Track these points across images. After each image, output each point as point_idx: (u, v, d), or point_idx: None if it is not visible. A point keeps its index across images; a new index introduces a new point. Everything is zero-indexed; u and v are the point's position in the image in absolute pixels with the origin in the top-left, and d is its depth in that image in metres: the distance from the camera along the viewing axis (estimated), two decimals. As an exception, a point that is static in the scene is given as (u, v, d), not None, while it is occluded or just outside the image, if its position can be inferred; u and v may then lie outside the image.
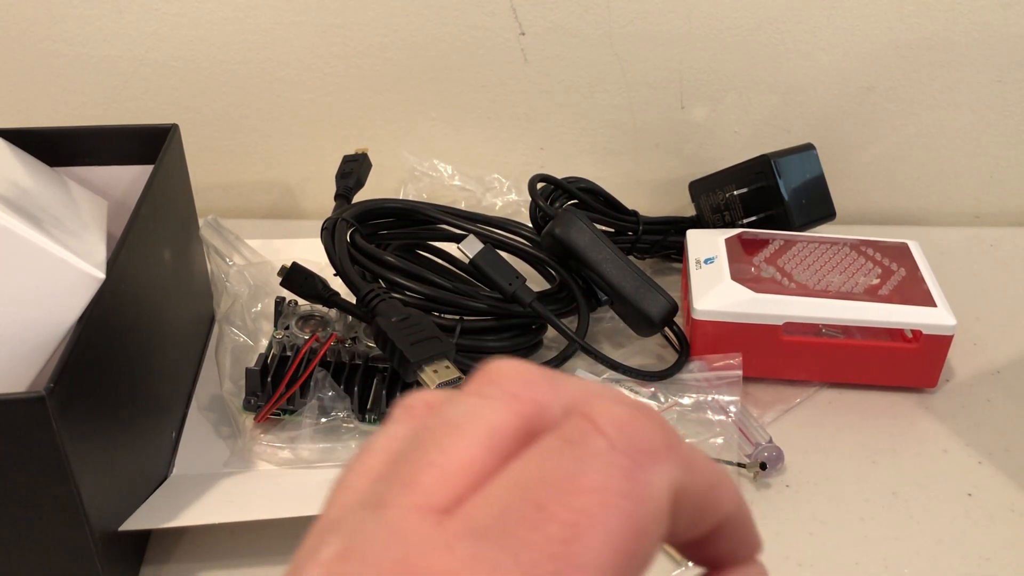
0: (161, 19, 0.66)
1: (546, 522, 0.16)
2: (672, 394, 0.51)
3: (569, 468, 0.16)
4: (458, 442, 0.18)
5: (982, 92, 0.69)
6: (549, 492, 0.16)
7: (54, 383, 0.33)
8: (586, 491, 0.16)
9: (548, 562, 0.16)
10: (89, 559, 0.37)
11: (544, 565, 0.16)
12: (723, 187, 0.62)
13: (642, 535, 0.17)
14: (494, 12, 0.66)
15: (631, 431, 0.17)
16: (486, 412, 0.18)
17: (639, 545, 0.17)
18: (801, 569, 0.43)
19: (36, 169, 0.48)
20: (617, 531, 0.16)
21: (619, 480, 0.16)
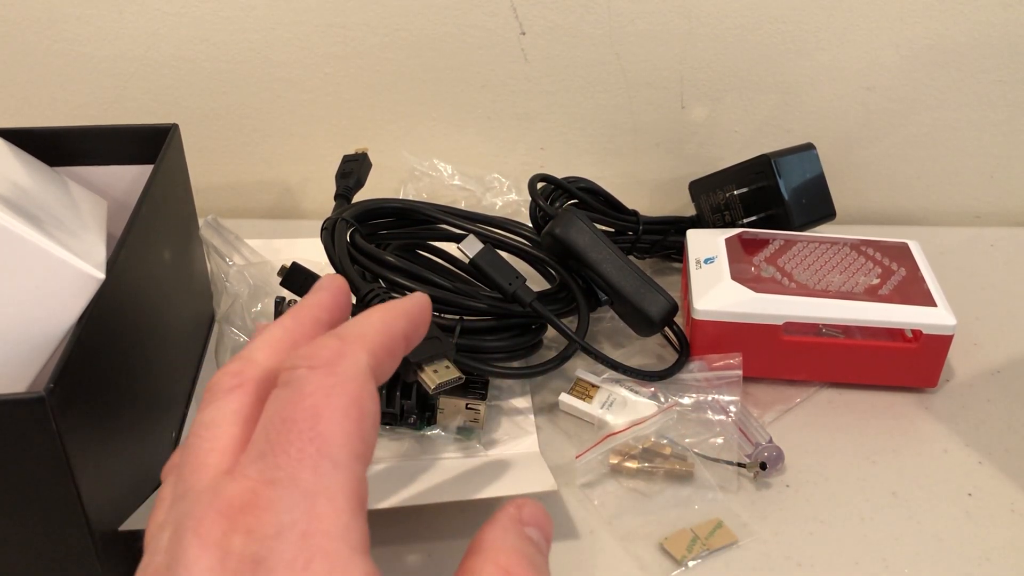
0: (161, 19, 0.66)
1: (293, 425, 0.22)
2: (672, 394, 0.51)
3: (292, 393, 0.23)
4: (215, 431, 0.24)
5: (982, 92, 0.69)
6: (287, 410, 0.23)
7: (54, 383, 0.33)
8: (308, 395, 0.23)
9: (309, 444, 0.22)
10: (89, 559, 0.37)
11: (307, 447, 0.22)
12: (723, 187, 0.62)
13: (360, 400, 0.24)
14: (494, 12, 0.66)
15: (313, 353, 0.24)
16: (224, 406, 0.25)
17: (361, 408, 0.24)
18: (801, 569, 0.43)
19: (36, 169, 0.48)
20: (341, 405, 0.23)
21: (325, 378, 0.23)
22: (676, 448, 0.48)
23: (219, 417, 0.25)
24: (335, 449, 0.22)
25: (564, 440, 0.50)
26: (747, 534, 0.45)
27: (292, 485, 0.21)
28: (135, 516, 0.41)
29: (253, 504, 0.21)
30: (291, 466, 0.22)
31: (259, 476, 0.22)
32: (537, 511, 0.27)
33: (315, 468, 0.22)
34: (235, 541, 0.21)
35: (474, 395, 0.49)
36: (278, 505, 0.21)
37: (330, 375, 0.24)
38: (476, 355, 0.50)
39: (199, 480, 0.23)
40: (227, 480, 0.22)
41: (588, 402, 0.51)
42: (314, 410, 0.23)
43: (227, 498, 0.22)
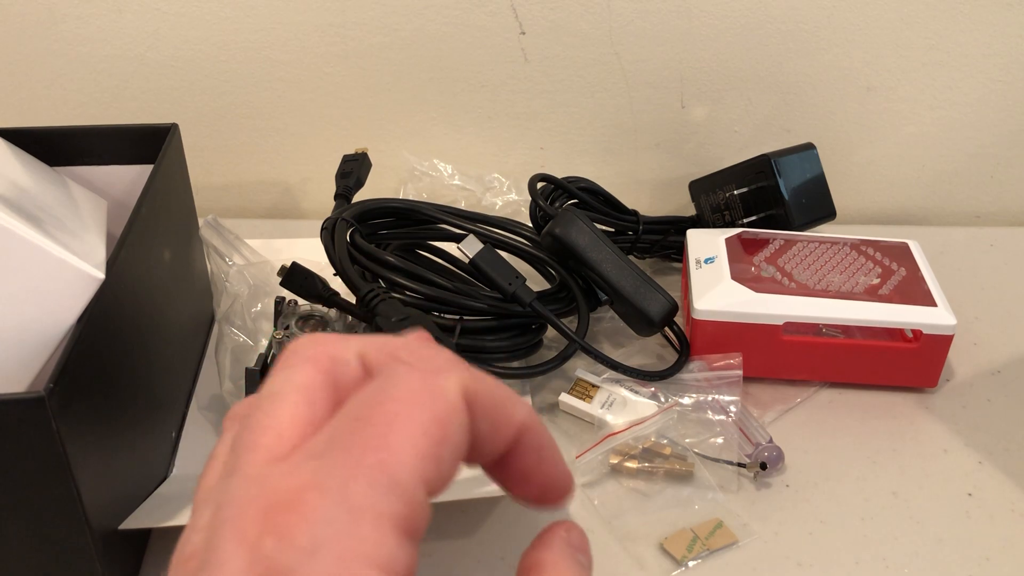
0: (161, 19, 0.66)
1: (364, 427, 0.20)
2: (672, 394, 0.51)
3: (380, 391, 0.21)
4: (279, 405, 0.22)
5: (982, 92, 0.69)
6: (364, 409, 0.21)
7: (54, 383, 0.33)
8: (392, 400, 0.21)
9: (372, 453, 0.20)
10: (89, 559, 0.37)
11: (368, 457, 0.20)
12: (723, 187, 0.62)
13: (445, 422, 0.21)
14: (494, 12, 0.66)
15: (424, 355, 0.22)
16: (293, 376, 0.22)
17: (444, 431, 0.21)
18: (801, 569, 0.43)
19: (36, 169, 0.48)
20: (422, 420, 0.21)
21: (418, 385, 0.21)
22: (676, 448, 0.48)
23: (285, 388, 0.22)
24: (399, 467, 0.20)
25: (564, 440, 0.50)
26: (747, 534, 0.45)
27: (340, 495, 0.19)
28: (135, 515, 0.41)
29: (295, 507, 0.19)
30: (346, 473, 0.20)
31: (311, 476, 0.20)
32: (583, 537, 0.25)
33: (371, 482, 0.20)
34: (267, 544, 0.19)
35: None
36: (319, 515, 0.19)
37: (425, 382, 0.21)
38: (476, 355, 0.50)
39: (250, 461, 0.21)
40: (277, 471, 0.20)
41: (588, 402, 0.51)
42: (392, 417, 0.20)
43: (272, 493, 0.20)
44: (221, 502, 0.20)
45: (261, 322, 0.54)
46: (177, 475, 0.47)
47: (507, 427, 0.24)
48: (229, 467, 0.22)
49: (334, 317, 0.52)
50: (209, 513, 0.21)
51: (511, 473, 0.25)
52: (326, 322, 0.52)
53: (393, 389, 0.21)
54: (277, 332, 0.51)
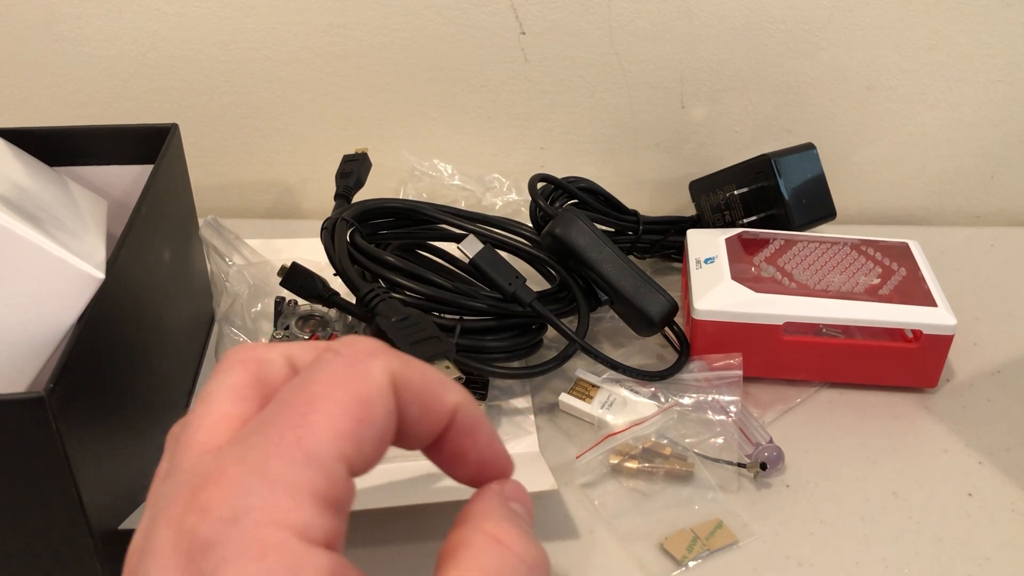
0: (161, 19, 0.66)
1: (288, 408, 0.21)
2: (672, 394, 0.51)
3: (304, 377, 0.22)
4: (209, 405, 0.23)
5: (982, 92, 0.69)
6: (288, 394, 0.22)
7: (54, 383, 0.33)
8: (315, 383, 0.22)
9: (291, 431, 0.21)
10: (89, 559, 0.37)
11: (288, 434, 0.21)
12: (723, 187, 0.62)
13: (367, 403, 0.22)
14: (494, 12, 0.66)
15: (353, 343, 0.23)
16: (222, 378, 0.24)
17: (366, 411, 0.22)
18: (801, 569, 0.43)
19: (36, 169, 0.48)
20: (342, 400, 0.21)
21: (341, 369, 0.22)
22: (676, 448, 0.48)
23: (214, 391, 0.23)
24: (317, 443, 0.21)
25: (564, 440, 0.50)
26: (747, 534, 0.45)
27: (258, 469, 0.20)
28: (135, 515, 0.41)
29: (215, 482, 0.20)
30: (266, 450, 0.20)
31: (234, 455, 0.21)
32: (518, 488, 0.26)
33: (288, 457, 0.20)
34: (190, 520, 0.20)
35: (474, 395, 0.49)
36: (237, 487, 0.20)
37: (350, 366, 0.22)
38: (476, 355, 0.49)
39: (184, 459, 0.22)
40: (207, 459, 0.21)
41: (588, 402, 0.51)
42: (313, 398, 0.21)
43: (198, 476, 0.21)
44: (157, 499, 0.21)
45: (261, 322, 0.54)
46: None
47: (438, 410, 0.24)
48: (166, 467, 0.23)
49: (334, 317, 0.52)
50: (149, 512, 0.22)
51: (446, 455, 0.26)
52: (326, 322, 0.52)
53: (317, 373, 0.22)
54: (277, 332, 0.51)
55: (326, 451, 0.21)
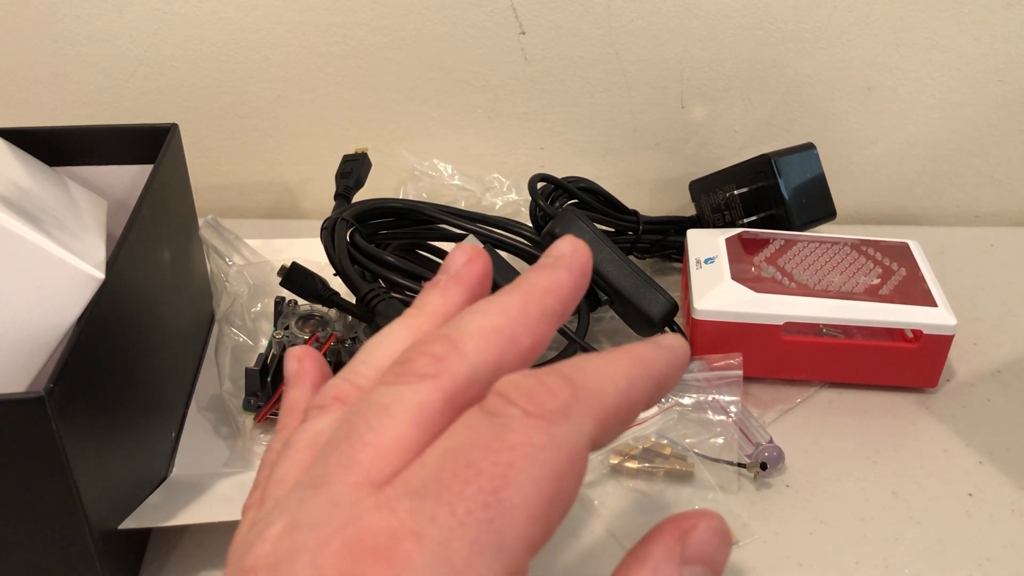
0: (161, 19, 0.66)
1: (476, 476, 0.18)
2: (672, 394, 0.51)
3: (491, 432, 0.19)
4: (388, 422, 0.20)
5: (982, 92, 0.69)
6: (476, 452, 0.18)
7: (53, 383, 0.33)
8: (508, 448, 0.18)
9: (481, 510, 0.18)
10: (88, 559, 0.37)
11: (478, 513, 0.18)
12: (723, 187, 0.62)
13: (562, 478, 0.19)
14: (494, 12, 0.66)
15: (538, 397, 0.19)
16: (410, 394, 0.20)
17: (560, 486, 0.19)
18: (801, 569, 0.43)
19: (36, 169, 0.48)
20: (539, 477, 0.18)
21: (537, 435, 0.19)
22: (676, 448, 0.48)
23: (397, 406, 0.20)
24: (508, 528, 0.18)
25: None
26: (747, 534, 0.45)
27: (439, 553, 0.17)
28: (134, 515, 0.41)
29: (387, 554, 0.17)
30: (449, 527, 0.17)
31: (407, 519, 0.18)
32: (707, 536, 0.21)
33: (476, 543, 0.17)
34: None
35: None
36: (415, 568, 0.17)
37: (543, 432, 0.19)
38: (476, 355, 0.49)
39: (343, 478, 0.19)
40: (371, 503, 0.18)
41: (588, 402, 0.51)
42: (507, 468, 0.18)
43: (362, 530, 0.18)
44: (300, 520, 0.18)
45: (261, 322, 0.54)
46: (177, 475, 0.47)
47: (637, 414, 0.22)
48: (314, 477, 0.19)
49: (334, 317, 0.52)
50: (282, 525, 0.19)
51: None
52: (326, 322, 0.52)
53: (508, 435, 0.19)
54: (277, 332, 0.51)
55: (517, 540, 0.18)
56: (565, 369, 0.20)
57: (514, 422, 0.19)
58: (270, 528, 0.19)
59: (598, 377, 0.21)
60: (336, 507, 0.18)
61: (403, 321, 0.25)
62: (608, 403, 0.20)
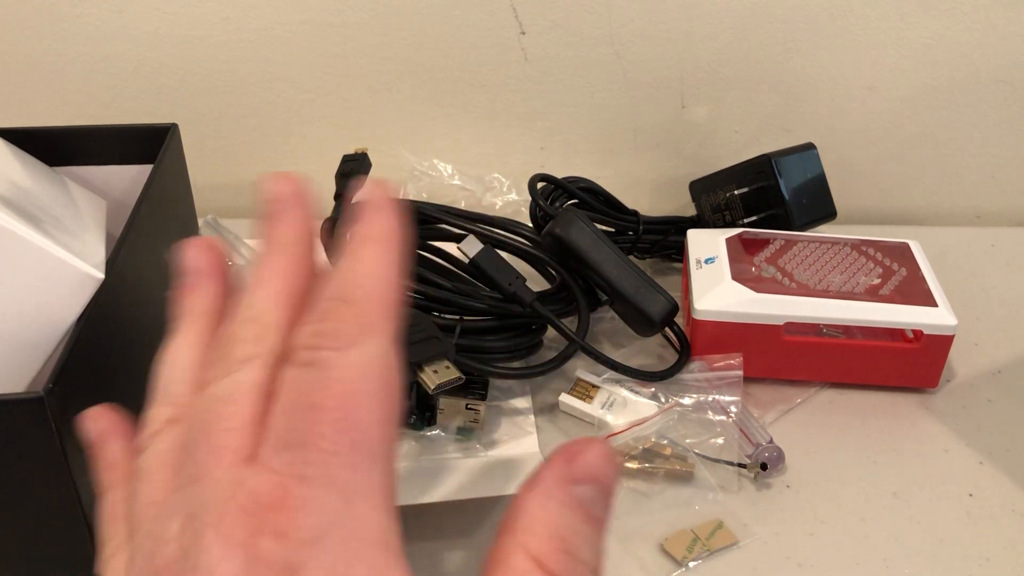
0: (161, 19, 0.66)
1: (324, 413, 0.20)
2: (673, 394, 0.51)
3: (317, 376, 0.21)
4: (235, 407, 0.21)
5: (983, 92, 0.69)
6: (314, 396, 0.20)
7: (53, 383, 0.33)
8: (336, 380, 0.21)
9: (343, 436, 0.20)
10: (87, 558, 0.37)
11: (341, 440, 0.20)
12: (724, 187, 0.62)
13: (387, 378, 0.21)
14: (494, 11, 0.66)
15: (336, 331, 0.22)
16: (241, 377, 0.22)
17: (389, 385, 0.21)
18: (801, 569, 0.43)
19: (36, 169, 0.48)
20: (371, 388, 0.21)
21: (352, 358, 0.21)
22: (676, 448, 0.48)
23: (237, 392, 0.22)
24: (371, 441, 0.20)
25: (564, 440, 0.50)
26: (747, 535, 0.45)
27: (327, 484, 0.19)
28: None
29: (283, 503, 0.19)
30: (325, 461, 0.20)
31: (288, 471, 0.20)
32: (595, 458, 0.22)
33: (352, 464, 0.20)
34: (264, 544, 0.19)
35: (474, 395, 0.49)
36: (313, 506, 0.19)
37: (358, 355, 0.21)
38: (476, 355, 0.49)
39: (216, 465, 0.20)
40: (250, 471, 0.20)
41: (588, 402, 0.51)
42: (345, 397, 0.20)
43: (252, 493, 0.19)
44: (193, 510, 0.20)
45: (261, 322, 0.54)
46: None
47: None
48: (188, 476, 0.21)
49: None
50: (178, 522, 0.20)
51: None
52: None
53: (333, 369, 0.21)
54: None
55: (380, 446, 0.20)
56: (337, 295, 0.23)
57: (329, 360, 0.21)
58: (167, 531, 0.20)
59: (362, 281, 0.23)
60: (221, 486, 0.20)
61: (180, 334, 0.27)
62: (383, 296, 0.23)
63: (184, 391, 0.25)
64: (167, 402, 0.25)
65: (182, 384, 0.25)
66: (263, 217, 0.27)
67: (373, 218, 0.25)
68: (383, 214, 0.25)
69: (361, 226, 0.25)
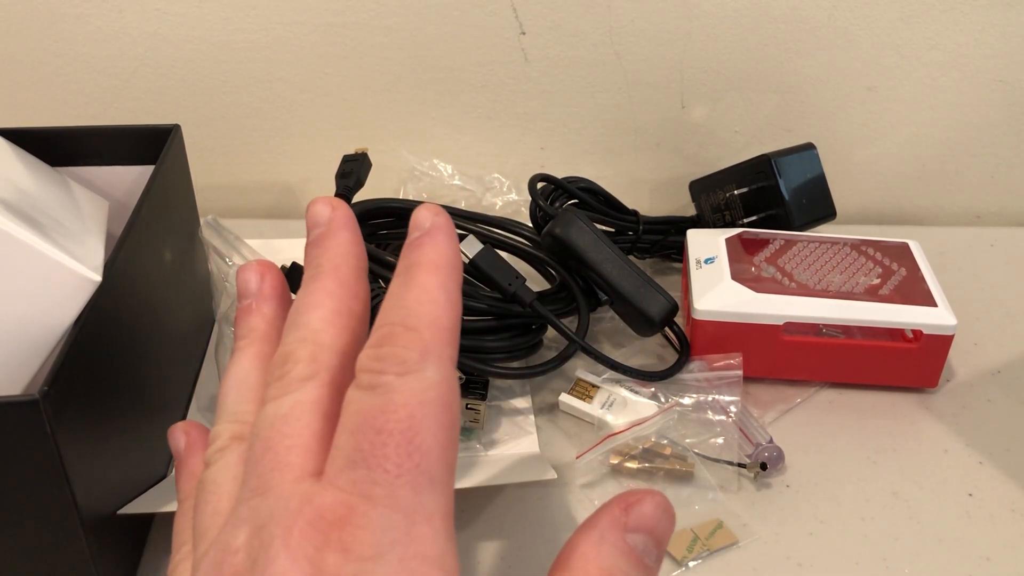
0: (161, 19, 0.66)
1: (389, 437, 0.21)
2: (672, 394, 0.51)
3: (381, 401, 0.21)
4: (297, 425, 0.23)
5: (982, 92, 0.69)
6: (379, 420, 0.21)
7: (48, 386, 0.33)
8: (401, 405, 0.21)
9: (407, 459, 0.21)
10: (84, 562, 0.37)
11: (405, 463, 0.21)
12: (723, 187, 0.62)
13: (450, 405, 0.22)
14: (494, 12, 0.66)
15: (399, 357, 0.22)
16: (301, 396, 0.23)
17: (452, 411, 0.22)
18: (801, 569, 0.43)
19: (37, 170, 0.48)
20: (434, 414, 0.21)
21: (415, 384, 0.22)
22: (676, 448, 0.48)
23: (298, 410, 0.23)
24: (434, 464, 0.21)
25: (564, 440, 0.50)
26: (747, 534, 0.45)
27: (391, 503, 0.20)
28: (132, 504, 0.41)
29: (348, 520, 0.20)
30: (389, 482, 0.20)
31: (353, 489, 0.20)
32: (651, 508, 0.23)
33: (415, 486, 0.21)
34: (329, 559, 0.20)
35: (474, 395, 0.49)
36: (376, 524, 0.20)
37: (420, 380, 0.22)
38: (476, 355, 0.49)
39: (281, 479, 0.21)
40: (316, 487, 0.21)
41: (588, 402, 0.51)
42: (410, 422, 0.21)
43: (319, 509, 0.20)
44: (260, 521, 0.21)
45: (261, 322, 0.54)
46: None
47: None
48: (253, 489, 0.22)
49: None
50: (245, 533, 0.21)
51: None
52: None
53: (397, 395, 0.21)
54: (277, 332, 0.51)
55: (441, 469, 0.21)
56: (399, 320, 0.23)
57: (393, 384, 0.21)
58: (234, 541, 0.21)
59: (425, 308, 0.23)
60: (288, 500, 0.21)
61: (242, 353, 0.27)
62: (444, 323, 0.23)
63: (248, 409, 0.26)
64: (232, 419, 0.26)
65: (246, 403, 0.26)
66: (310, 241, 0.27)
67: (434, 243, 0.25)
68: (443, 239, 0.25)
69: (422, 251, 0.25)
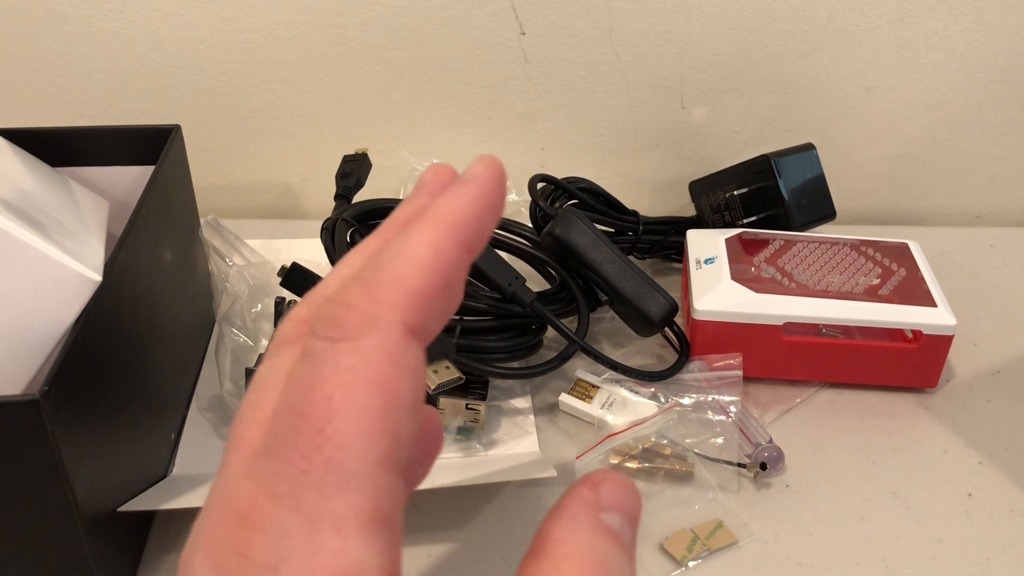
0: (161, 19, 0.66)
1: (304, 422, 0.18)
2: (672, 394, 0.51)
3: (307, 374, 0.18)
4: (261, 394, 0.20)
5: (982, 92, 0.69)
6: (301, 398, 0.18)
7: (48, 385, 0.33)
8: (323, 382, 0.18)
9: (316, 453, 0.17)
10: (83, 561, 0.37)
11: (314, 457, 0.17)
12: (723, 187, 0.62)
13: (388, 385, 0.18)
14: (494, 12, 0.66)
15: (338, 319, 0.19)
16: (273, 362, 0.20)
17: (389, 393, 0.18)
18: (801, 569, 0.43)
19: (38, 170, 0.48)
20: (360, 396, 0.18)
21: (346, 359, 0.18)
22: (676, 448, 0.48)
23: (269, 377, 0.20)
24: (351, 459, 0.18)
25: (564, 440, 0.50)
26: (747, 534, 0.45)
27: (293, 505, 0.17)
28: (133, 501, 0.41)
29: (251, 520, 0.18)
30: (293, 479, 0.18)
31: (263, 481, 0.18)
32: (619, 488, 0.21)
33: (320, 486, 0.17)
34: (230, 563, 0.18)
35: (474, 395, 0.49)
36: (276, 529, 0.17)
37: (353, 352, 0.18)
38: (476, 355, 0.50)
39: (234, 459, 0.19)
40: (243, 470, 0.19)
41: (588, 402, 0.51)
42: (327, 403, 0.18)
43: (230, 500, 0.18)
44: (207, 503, 0.19)
45: (261, 322, 0.54)
46: (176, 475, 0.47)
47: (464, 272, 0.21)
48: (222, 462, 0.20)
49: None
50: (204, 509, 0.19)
51: None
52: (326, 322, 0.52)
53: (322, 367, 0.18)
54: (277, 332, 0.51)
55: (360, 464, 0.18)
56: (362, 272, 0.19)
57: (323, 355, 0.18)
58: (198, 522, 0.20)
59: (395, 264, 0.19)
60: (224, 485, 0.19)
61: None
62: (415, 284, 0.19)
63: None
64: None
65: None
66: None
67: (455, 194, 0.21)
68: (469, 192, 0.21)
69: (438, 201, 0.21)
